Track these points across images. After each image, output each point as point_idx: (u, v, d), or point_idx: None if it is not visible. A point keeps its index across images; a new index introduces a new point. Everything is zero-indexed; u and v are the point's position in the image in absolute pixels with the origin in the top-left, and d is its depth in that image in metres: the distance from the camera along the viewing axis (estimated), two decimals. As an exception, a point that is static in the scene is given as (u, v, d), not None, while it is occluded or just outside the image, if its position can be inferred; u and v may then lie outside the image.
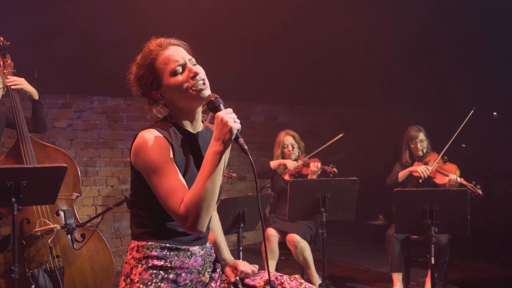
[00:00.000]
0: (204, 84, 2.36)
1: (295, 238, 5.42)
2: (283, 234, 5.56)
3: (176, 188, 2.23)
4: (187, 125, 2.46)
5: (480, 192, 5.25)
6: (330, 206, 5.03)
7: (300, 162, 5.87)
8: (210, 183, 2.18)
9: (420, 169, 5.58)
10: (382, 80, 8.50)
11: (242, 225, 4.78)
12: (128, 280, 2.38)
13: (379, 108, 9.82)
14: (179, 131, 2.43)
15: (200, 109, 2.48)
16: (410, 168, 5.71)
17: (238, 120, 2.23)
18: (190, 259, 2.42)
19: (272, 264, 5.52)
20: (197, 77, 2.34)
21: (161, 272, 2.36)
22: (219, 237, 2.78)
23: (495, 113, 9.35)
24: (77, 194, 4.66)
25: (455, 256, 6.53)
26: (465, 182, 5.36)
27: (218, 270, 2.59)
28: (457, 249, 6.11)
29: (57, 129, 6.52)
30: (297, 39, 7.52)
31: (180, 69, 2.35)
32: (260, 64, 7.54)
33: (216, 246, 2.73)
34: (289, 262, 6.43)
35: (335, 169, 5.69)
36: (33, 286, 4.20)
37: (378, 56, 7.95)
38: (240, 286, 2.57)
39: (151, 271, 2.36)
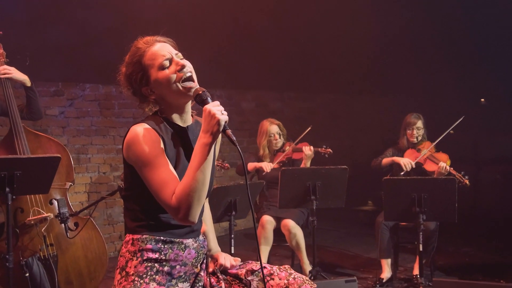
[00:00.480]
0: (191, 80, 2.41)
1: (289, 223, 5.50)
2: (278, 220, 5.64)
3: (167, 180, 2.29)
4: (177, 119, 2.50)
5: (468, 182, 5.33)
6: (320, 194, 5.12)
7: (288, 148, 5.93)
8: (200, 174, 2.24)
9: (403, 162, 5.65)
10: (371, 67, 8.55)
11: (233, 213, 4.85)
12: (124, 273, 2.42)
13: (368, 95, 9.89)
14: (169, 125, 2.47)
15: (189, 103, 2.52)
16: (394, 158, 5.78)
17: (225, 112, 2.28)
18: (184, 251, 2.47)
19: (266, 249, 5.59)
20: (184, 70, 2.40)
21: (156, 264, 2.41)
22: (208, 227, 2.84)
23: (482, 100, 9.39)
24: (70, 183, 4.68)
25: (443, 242, 6.59)
26: (454, 172, 5.43)
27: (204, 260, 2.64)
28: (444, 234, 6.18)
29: (49, 116, 6.52)
30: (287, 26, 7.54)
31: (167, 63, 2.41)
32: (251, 52, 7.56)
33: (204, 236, 2.78)
34: (281, 248, 6.56)
35: (329, 150, 5.72)
36: (27, 274, 4.21)
37: (368, 43, 7.99)
38: (218, 274, 2.63)
39: (146, 264, 2.40)
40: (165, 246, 2.43)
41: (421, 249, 4.89)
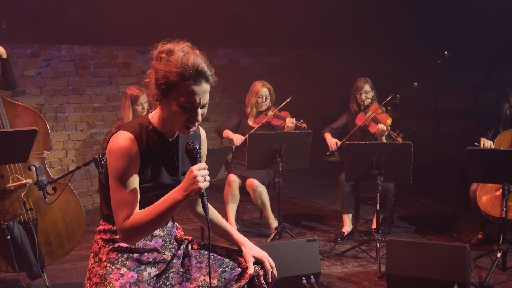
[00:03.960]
0: (194, 126, 2.46)
1: (253, 182, 5.78)
2: (243, 179, 5.91)
3: (127, 203, 2.44)
4: (167, 132, 2.59)
5: (400, 140, 5.61)
6: (285, 156, 5.39)
7: (270, 113, 6.13)
8: (160, 220, 2.42)
9: (331, 143, 6.09)
10: (337, 22, 8.65)
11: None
12: (97, 258, 2.67)
13: (336, 50, 10.05)
14: (156, 135, 2.58)
15: None
16: (329, 141, 6.16)
17: (208, 178, 2.34)
18: (151, 241, 2.70)
19: (234, 206, 5.91)
20: (193, 125, 2.44)
21: (126, 252, 2.64)
22: (225, 224, 2.94)
23: (446, 52, 9.49)
24: (47, 152, 4.82)
25: (402, 193, 6.93)
26: (390, 131, 5.74)
27: (183, 247, 2.82)
28: (403, 187, 6.48)
29: (27, 77, 6.62)
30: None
31: (189, 106, 2.38)
32: (222, 10, 7.64)
33: (225, 232, 2.91)
34: (249, 204, 6.85)
35: (304, 125, 5.87)
36: (9, 237, 4.40)
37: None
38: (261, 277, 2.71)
39: (117, 252, 2.63)
40: None
41: (378, 208, 5.23)
